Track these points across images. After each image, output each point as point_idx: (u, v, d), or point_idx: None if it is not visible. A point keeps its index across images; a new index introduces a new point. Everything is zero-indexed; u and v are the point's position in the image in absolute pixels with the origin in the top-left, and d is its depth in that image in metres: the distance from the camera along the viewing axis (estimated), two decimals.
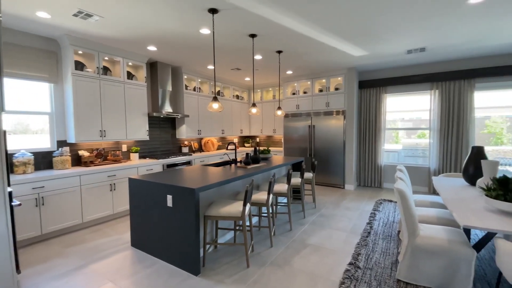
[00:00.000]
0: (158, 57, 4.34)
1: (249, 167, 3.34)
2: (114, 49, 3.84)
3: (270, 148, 6.76)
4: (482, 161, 2.42)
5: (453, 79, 4.62)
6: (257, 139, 7.38)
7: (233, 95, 6.58)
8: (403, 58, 4.55)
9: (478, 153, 2.70)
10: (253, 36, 3.37)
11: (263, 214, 3.60)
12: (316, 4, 2.59)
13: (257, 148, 6.37)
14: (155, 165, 4.19)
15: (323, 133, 5.57)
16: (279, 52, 4.08)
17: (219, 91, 6.02)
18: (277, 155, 5.94)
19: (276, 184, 3.48)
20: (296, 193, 4.64)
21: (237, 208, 2.36)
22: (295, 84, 5.95)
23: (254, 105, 3.74)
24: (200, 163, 5.09)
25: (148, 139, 4.46)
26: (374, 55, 4.38)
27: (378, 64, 5.01)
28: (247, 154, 3.50)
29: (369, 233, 3.14)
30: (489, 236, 2.04)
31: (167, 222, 2.44)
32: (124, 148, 4.34)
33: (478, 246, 2.10)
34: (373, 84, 5.40)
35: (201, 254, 2.62)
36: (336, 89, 5.52)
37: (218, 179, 2.53)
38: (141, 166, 3.99)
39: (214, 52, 3.27)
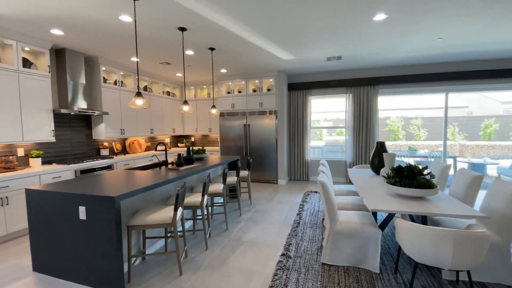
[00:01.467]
0: (66, 43, 3.65)
1: (181, 168, 3.15)
2: (3, 30, 3.04)
3: (205, 148, 6.59)
4: (384, 154, 2.91)
5: (363, 85, 5.42)
6: (192, 139, 7.09)
7: (164, 91, 6.13)
8: (324, 64, 5.08)
9: (381, 147, 3.24)
10: (182, 29, 3.18)
11: (198, 217, 3.46)
12: (246, 4, 2.61)
13: (191, 148, 6.11)
14: (64, 172, 3.53)
15: (258, 132, 5.75)
16: (212, 49, 3.99)
17: (146, 86, 5.51)
18: (213, 155, 5.82)
19: (212, 184, 3.40)
20: (232, 192, 4.65)
21: (167, 214, 2.19)
22: (230, 83, 5.95)
23: (186, 102, 3.55)
24: (124, 167, 4.55)
25: (54, 140, 3.72)
26: (301, 60, 4.75)
27: (304, 69, 5.46)
28: (179, 154, 3.31)
29: (298, 223, 3.39)
30: (390, 217, 2.46)
31: (80, 238, 2.08)
32: (21, 152, 3.51)
33: (383, 225, 2.51)
34: (300, 86, 5.86)
35: (126, 269, 2.33)
36: (268, 90, 5.77)
37: (144, 184, 2.30)
38: (45, 174, 3.30)
39: (137, 43, 2.95)
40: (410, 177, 2.30)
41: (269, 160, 5.71)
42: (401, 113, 12.82)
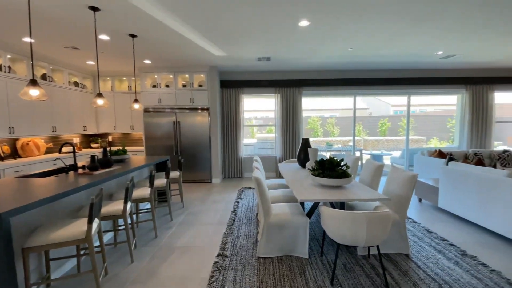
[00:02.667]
0: None
1: (96, 173, 2.69)
2: None
3: (127, 148, 5.87)
4: (308, 149, 3.18)
5: (289, 86, 5.83)
6: (109, 138, 6.20)
7: (70, 82, 5.14)
8: (255, 64, 5.21)
9: (306, 143, 3.54)
10: (94, 9, 2.70)
11: (120, 227, 3.04)
12: None
13: (109, 148, 5.35)
14: None
15: (189, 129, 5.47)
16: (133, 36, 3.54)
17: (45, 74, 4.49)
18: (137, 156, 5.25)
19: (137, 189, 3.03)
20: (162, 196, 4.29)
21: (79, 228, 1.82)
22: (156, 76, 5.45)
23: (100, 95, 3.04)
24: (14, 174, 3.61)
25: None
26: (232, 58, 4.74)
27: (236, 67, 5.48)
28: (93, 157, 2.81)
29: (234, 221, 3.39)
30: (316, 205, 2.70)
31: None
32: None
33: (309, 214, 2.74)
34: (233, 84, 5.87)
35: None
36: (200, 85, 5.55)
37: (45, 194, 1.85)
38: None
39: (30, 19, 2.35)
40: (330, 169, 2.58)
41: (202, 159, 5.52)
42: (319, 113, 14.48)
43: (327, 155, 7.99)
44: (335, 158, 2.70)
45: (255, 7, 2.74)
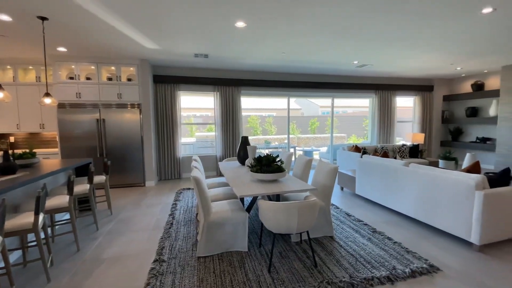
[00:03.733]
0: None
1: None
2: None
3: (36, 151, 4.93)
4: (247, 147, 3.29)
5: (228, 85, 5.87)
6: (11, 139, 5.10)
7: None
8: (192, 60, 5.06)
9: (245, 141, 3.65)
10: None
11: (30, 244, 2.56)
12: None
13: (11, 151, 4.40)
14: None
15: (117, 128, 4.94)
16: (43, 18, 3.00)
17: None
18: (50, 159, 4.49)
19: (51, 197, 2.59)
20: (85, 203, 3.77)
21: None
22: (73, 67, 4.72)
23: None
24: None
25: None
26: (167, 52, 4.49)
27: (172, 62, 5.22)
28: None
29: (171, 224, 3.25)
30: (254, 200, 2.82)
31: None
32: None
33: (249, 209, 2.84)
34: (168, 80, 5.56)
35: None
36: (129, 79, 5.07)
37: None
38: None
39: None
40: (267, 165, 2.73)
41: (133, 161, 5.06)
42: (258, 112, 15.02)
43: (265, 152, 8.37)
44: (271, 155, 2.87)
45: (192, 4, 2.68)
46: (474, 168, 3.00)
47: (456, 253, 2.48)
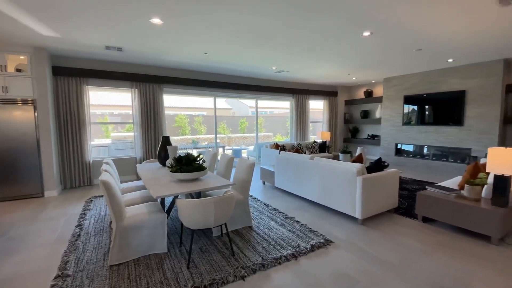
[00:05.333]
0: None
1: None
2: None
3: None
4: (168, 147, 3.23)
5: (149, 82, 5.54)
6: None
7: None
8: (103, 52, 4.57)
9: (166, 141, 3.56)
10: None
11: None
12: None
13: None
14: None
15: (3, 129, 4.03)
16: None
17: None
18: None
19: None
20: None
21: None
22: None
23: None
24: None
25: None
26: (70, 41, 3.93)
27: (79, 53, 4.58)
28: None
29: (79, 235, 2.90)
30: (174, 200, 2.81)
31: None
32: None
33: (169, 209, 2.82)
34: (73, 73, 4.85)
35: None
36: (19, 70, 4.20)
37: None
38: None
39: None
40: (187, 164, 2.77)
41: (27, 168, 4.23)
42: (186, 111, 14.56)
43: (194, 152, 8.23)
44: (192, 154, 2.92)
45: None
46: (359, 159, 3.78)
47: (345, 228, 3.08)
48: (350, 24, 3.33)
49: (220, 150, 8.04)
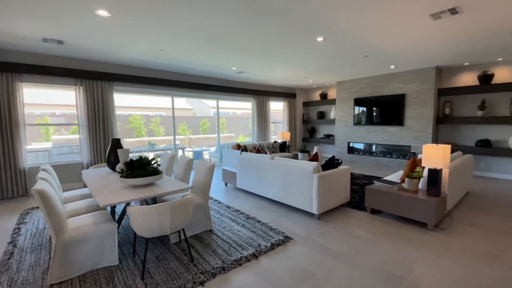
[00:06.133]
0: None
1: None
2: None
3: None
4: (118, 150, 2.99)
5: (96, 79, 5.06)
6: None
7: None
8: (40, 45, 4.04)
9: (116, 144, 3.29)
10: None
11: None
12: None
13: None
14: None
15: None
16: None
17: None
18: None
19: None
20: None
21: None
22: None
23: None
24: None
25: None
26: None
27: (9, 44, 3.97)
28: None
29: (12, 253, 2.52)
30: (126, 208, 2.61)
31: None
32: None
33: (120, 218, 2.61)
34: (2, 67, 4.19)
35: None
36: None
37: None
38: None
39: None
40: (140, 168, 2.60)
41: None
42: (142, 111, 13.71)
43: (150, 155, 7.77)
44: (146, 157, 2.75)
45: None
46: (315, 158, 3.98)
47: (303, 223, 3.21)
48: (303, 29, 3.47)
49: (180, 152, 7.74)
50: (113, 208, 2.63)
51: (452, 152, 5.51)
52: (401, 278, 2.10)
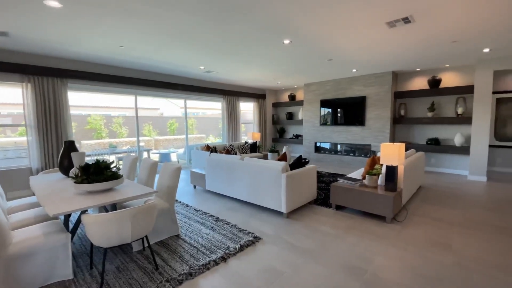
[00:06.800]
0: None
1: None
2: None
3: None
4: (72, 153, 2.74)
5: (47, 75, 4.58)
6: None
7: None
8: None
9: (70, 147, 3.01)
10: None
11: None
12: None
13: None
14: None
15: None
16: None
17: None
18: None
19: None
20: None
21: None
22: None
23: None
24: None
25: None
26: None
27: None
28: None
29: None
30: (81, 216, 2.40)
31: None
32: None
33: (75, 227, 2.39)
34: None
35: None
36: None
37: None
38: None
39: None
40: (97, 173, 2.40)
41: None
42: (102, 111, 12.78)
43: (112, 158, 7.28)
44: (104, 161, 2.55)
45: None
46: (283, 157, 4.05)
47: (273, 223, 3.24)
48: (271, 31, 3.52)
49: (145, 154, 7.37)
50: (66, 217, 2.39)
51: (406, 150, 6.00)
52: (363, 270, 2.22)
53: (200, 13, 2.94)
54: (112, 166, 2.56)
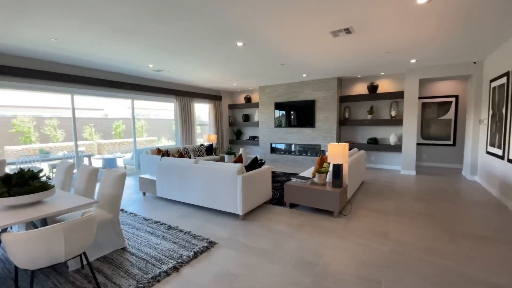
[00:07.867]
0: None
1: None
2: None
3: None
4: None
5: None
6: None
7: None
8: None
9: None
10: None
11: None
12: None
13: None
14: None
15: None
16: None
17: None
18: None
19: None
20: None
21: None
22: None
23: None
24: None
25: None
26: None
27: None
28: None
29: None
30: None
31: None
32: None
33: None
34: None
35: None
36: None
37: None
38: None
39: None
40: (21, 184, 2.06)
41: None
42: (31, 111, 11.07)
43: (44, 166, 6.34)
44: (30, 170, 2.20)
45: None
46: (239, 159, 4.05)
47: (228, 226, 3.20)
48: (224, 32, 3.49)
49: (85, 160, 6.61)
50: None
51: (350, 149, 6.58)
52: (314, 264, 2.34)
53: (153, 8, 2.76)
54: (40, 175, 2.22)
